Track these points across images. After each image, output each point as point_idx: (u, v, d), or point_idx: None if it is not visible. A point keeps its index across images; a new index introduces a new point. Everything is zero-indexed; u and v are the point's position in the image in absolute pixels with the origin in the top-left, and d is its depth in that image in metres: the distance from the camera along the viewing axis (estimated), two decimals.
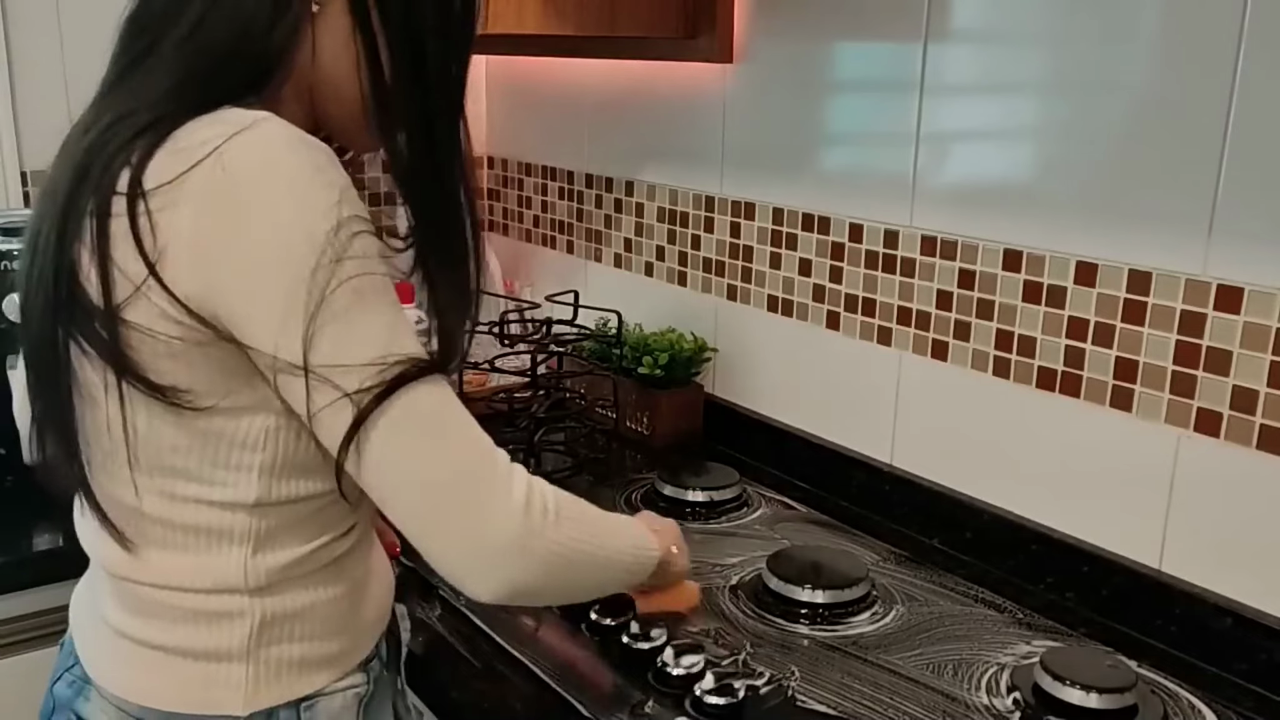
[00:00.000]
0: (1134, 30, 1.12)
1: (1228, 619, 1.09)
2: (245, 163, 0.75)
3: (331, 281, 0.75)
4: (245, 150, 0.76)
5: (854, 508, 1.46)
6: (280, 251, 0.75)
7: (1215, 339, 1.09)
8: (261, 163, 0.76)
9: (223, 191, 0.75)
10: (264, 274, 0.75)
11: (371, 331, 0.77)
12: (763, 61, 1.55)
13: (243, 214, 0.75)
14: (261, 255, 0.75)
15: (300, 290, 0.75)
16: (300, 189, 0.76)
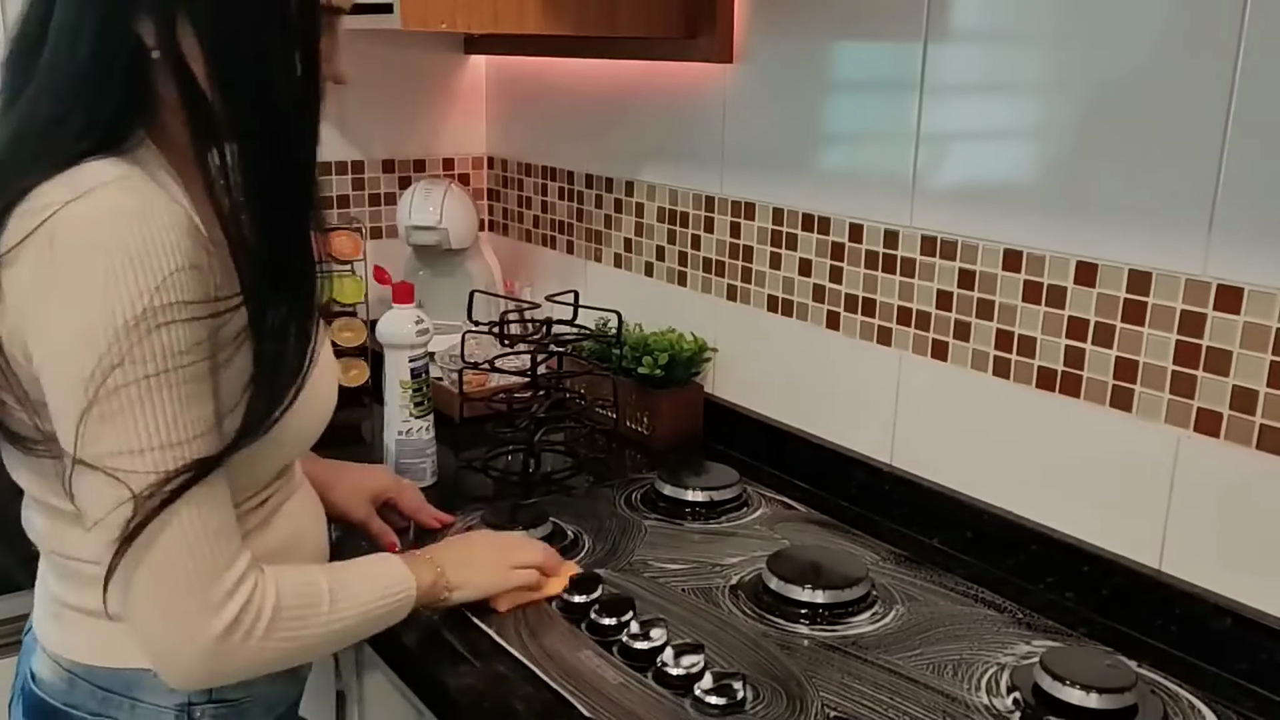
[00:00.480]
0: (1134, 30, 1.12)
1: (1228, 619, 1.09)
2: (67, 239, 0.78)
3: (106, 383, 0.78)
4: (70, 225, 0.78)
5: (854, 508, 1.46)
6: (71, 345, 0.79)
7: (1215, 339, 1.09)
8: (81, 242, 0.78)
9: (46, 264, 0.78)
10: (55, 363, 0.81)
11: (142, 435, 0.80)
12: (763, 61, 1.55)
13: (54, 293, 0.79)
14: (58, 343, 0.80)
15: (77, 388, 0.79)
16: (112, 275, 0.77)
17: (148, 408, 0.80)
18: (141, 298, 0.77)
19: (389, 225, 2.16)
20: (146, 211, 0.78)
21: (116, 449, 0.80)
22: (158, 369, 0.79)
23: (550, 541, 1.31)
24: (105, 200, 0.78)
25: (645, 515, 1.42)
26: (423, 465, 1.50)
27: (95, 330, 0.77)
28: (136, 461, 0.80)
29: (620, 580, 1.24)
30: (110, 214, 0.78)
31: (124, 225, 0.77)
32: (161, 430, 0.80)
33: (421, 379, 1.48)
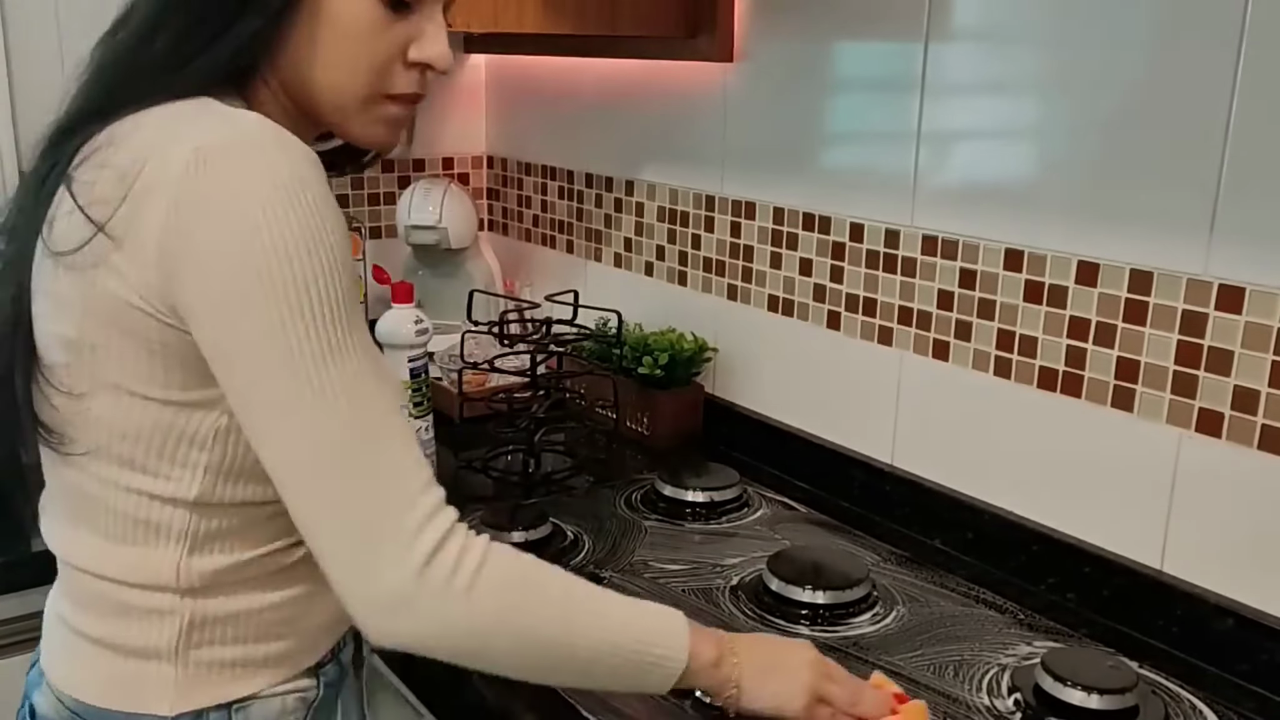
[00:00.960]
0: (1135, 29, 1.12)
1: (1229, 619, 1.09)
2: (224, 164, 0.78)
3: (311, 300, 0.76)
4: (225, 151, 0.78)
5: (854, 508, 1.46)
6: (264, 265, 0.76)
7: (1217, 339, 1.09)
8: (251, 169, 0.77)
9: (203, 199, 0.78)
10: (238, 297, 0.77)
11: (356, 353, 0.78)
12: (763, 61, 1.55)
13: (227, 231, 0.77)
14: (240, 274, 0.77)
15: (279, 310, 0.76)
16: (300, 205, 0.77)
17: (348, 325, 0.76)
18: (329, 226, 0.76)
19: (388, 225, 2.16)
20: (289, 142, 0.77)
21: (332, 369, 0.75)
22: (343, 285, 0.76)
23: (550, 542, 1.31)
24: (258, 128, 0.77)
25: (645, 516, 1.42)
26: None
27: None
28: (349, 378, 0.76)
29: (620, 581, 1.24)
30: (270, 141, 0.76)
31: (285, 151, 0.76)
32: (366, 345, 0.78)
33: (421, 379, 1.48)
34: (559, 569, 0.84)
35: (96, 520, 0.84)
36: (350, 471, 0.76)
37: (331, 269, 0.75)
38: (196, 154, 0.73)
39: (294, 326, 0.74)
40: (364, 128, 0.87)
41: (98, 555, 0.85)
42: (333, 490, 0.76)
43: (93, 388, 0.80)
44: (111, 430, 0.81)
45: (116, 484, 0.82)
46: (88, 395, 0.80)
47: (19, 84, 1.86)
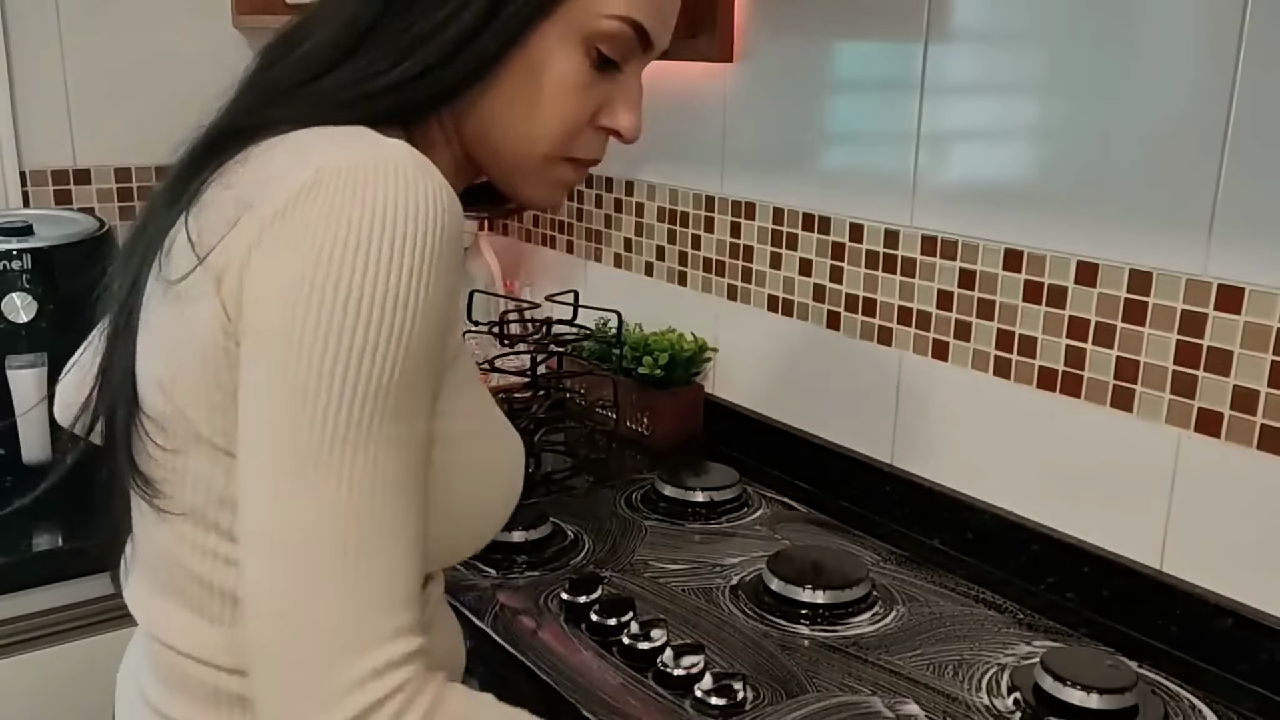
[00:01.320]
0: (1134, 30, 1.12)
1: (1228, 619, 1.09)
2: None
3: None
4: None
5: (854, 508, 1.46)
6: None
7: (1216, 339, 1.09)
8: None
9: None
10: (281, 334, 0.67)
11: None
12: (763, 61, 1.55)
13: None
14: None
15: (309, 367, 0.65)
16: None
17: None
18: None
19: None
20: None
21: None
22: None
23: (550, 542, 1.31)
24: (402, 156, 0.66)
25: (645, 515, 1.42)
26: None
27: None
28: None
29: (620, 581, 1.24)
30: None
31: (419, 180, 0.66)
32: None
33: None
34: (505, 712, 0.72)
35: (190, 593, 0.73)
36: (317, 577, 0.62)
37: (403, 337, 0.62)
38: (315, 174, 0.64)
39: (327, 387, 0.62)
40: (535, 186, 0.80)
41: (190, 633, 0.73)
42: (290, 587, 0.63)
43: (187, 443, 0.70)
44: (209, 493, 0.70)
45: (215, 554, 0.71)
46: (183, 451, 0.70)
47: (19, 83, 1.86)
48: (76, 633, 1.39)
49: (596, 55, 0.75)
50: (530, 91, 0.74)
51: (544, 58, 0.74)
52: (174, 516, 0.72)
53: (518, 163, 0.78)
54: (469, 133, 0.77)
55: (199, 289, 0.66)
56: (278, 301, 0.63)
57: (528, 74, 0.74)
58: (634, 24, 0.75)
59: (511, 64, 0.73)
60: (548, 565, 1.27)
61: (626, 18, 0.74)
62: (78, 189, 1.97)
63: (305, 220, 0.63)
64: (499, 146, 0.77)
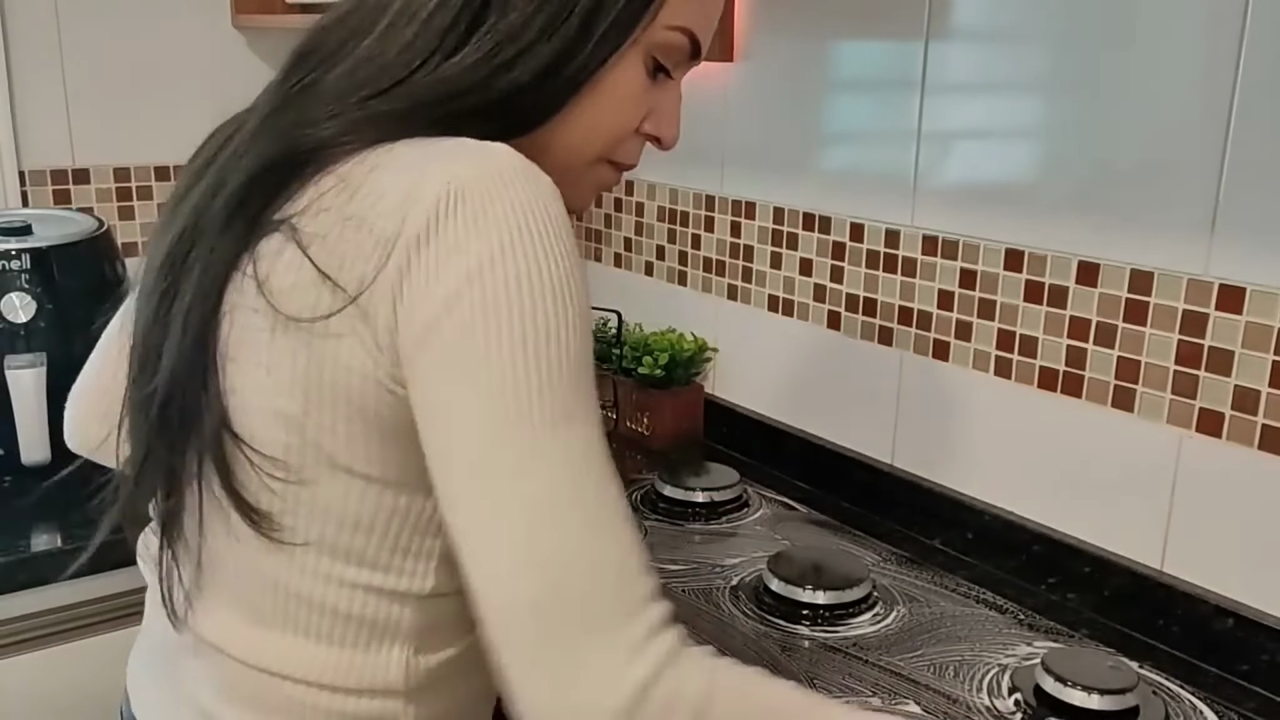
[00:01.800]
0: (1135, 29, 1.12)
1: (1229, 620, 1.09)
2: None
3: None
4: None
5: (854, 508, 1.46)
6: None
7: (1217, 339, 1.09)
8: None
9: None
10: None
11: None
12: (764, 60, 1.55)
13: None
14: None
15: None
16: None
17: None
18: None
19: None
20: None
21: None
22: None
23: None
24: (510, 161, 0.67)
25: (645, 516, 1.42)
26: None
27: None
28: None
29: None
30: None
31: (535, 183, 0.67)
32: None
33: None
34: (782, 687, 0.70)
35: (306, 620, 0.73)
36: (567, 557, 0.62)
37: (575, 320, 0.65)
38: (449, 188, 0.64)
39: (528, 380, 0.63)
40: (577, 188, 0.78)
41: (306, 659, 0.73)
42: (541, 577, 0.62)
43: (318, 472, 0.69)
44: (341, 520, 0.70)
45: (340, 580, 0.72)
46: (312, 481, 0.70)
47: (18, 84, 1.86)
48: (76, 633, 1.38)
49: (653, 64, 0.76)
50: (591, 101, 0.74)
51: (612, 71, 0.74)
52: (294, 546, 0.72)
53: (568, 165, 0.76)
54: (526, 138, 0.76)
55: (343, 325, 0.66)
56: (448, 316, 0.63)
57: (594, 86, 0.74)
58: (690, 34, 0.76)
59: (591, 79, 0.74)
60: None
61: (685, 28, 0.75)
62: (77, 189, 1.97)
63: (454, 236, 0.63)
64: (551, 148, 0.75)
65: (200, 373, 0.71)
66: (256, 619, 0.74)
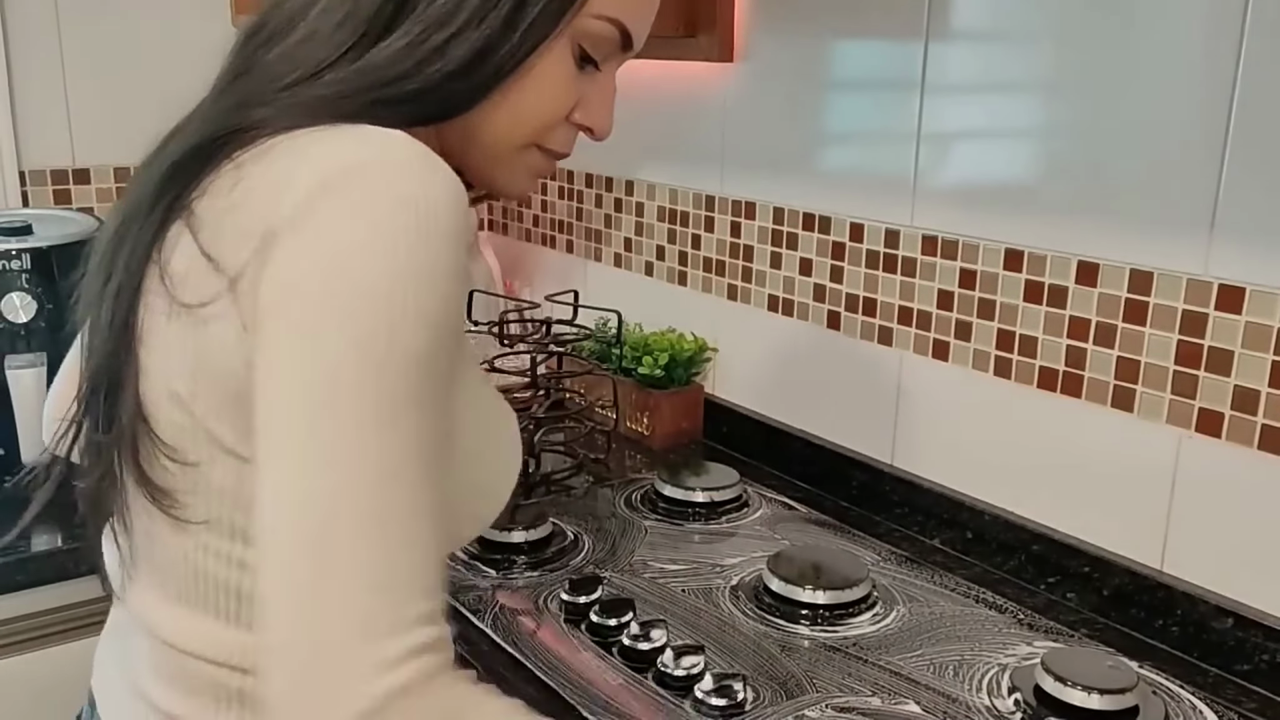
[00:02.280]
0: (1135, 29, 1.12)
1: (1229, 619, 1.09)
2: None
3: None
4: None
5: (854, 508, 1.46)
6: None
7: (1217, 339, 1.09)
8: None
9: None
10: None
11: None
12: (763, 61, 1.55)
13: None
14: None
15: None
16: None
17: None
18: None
19: None
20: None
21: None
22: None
23: (550, 542, 1.31)
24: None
25: (645, 515, 1.42)
26: None
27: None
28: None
29: (620, 581, 1.24)
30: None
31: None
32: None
33: None
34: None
35: (209, 597, 0.73)
36: (336, 560, 0.61)
37: (420, 320, 0.63)
38: (320, 177, 0.64)
39: (348, 376, 0.62)
40: (508, 174, 0.82)
41: (204, 636, 0.73)
42: (306, 574, 0.62)
43: (209, 454, 0.70)
44: (235, 501, 0.70)
45: (241, 562, 0.72)
46: (205, 463, 0.70)
47: (19, 83, 1.86)
48: (75, 633, 1.39)
49: (580, 53, 0.77)
50: (518, 90, 0.75)
51: (539, 58, 0.75)
52: (194, 525, 0.72)
53: (496, 152, 0.79)
54: (454, 124, 0.77)
55: (219, 309, 0.67)
56: (288, 302, 0.63)
57: (523, 73, 0.75)
58: (619, 25, 0.77)
59: (520, 68, 0.74)
60: (548, 565, 1.27)
61: (614, 19, 0.76)
62: (77, 189, 1.97)
63: (315, 225, 0.63)
64: (479, 137, 0.77)
65: (122, 354, 0.72)
66: (176, 598, 0.75)
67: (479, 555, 1.28)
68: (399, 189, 0.64)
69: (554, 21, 0.73)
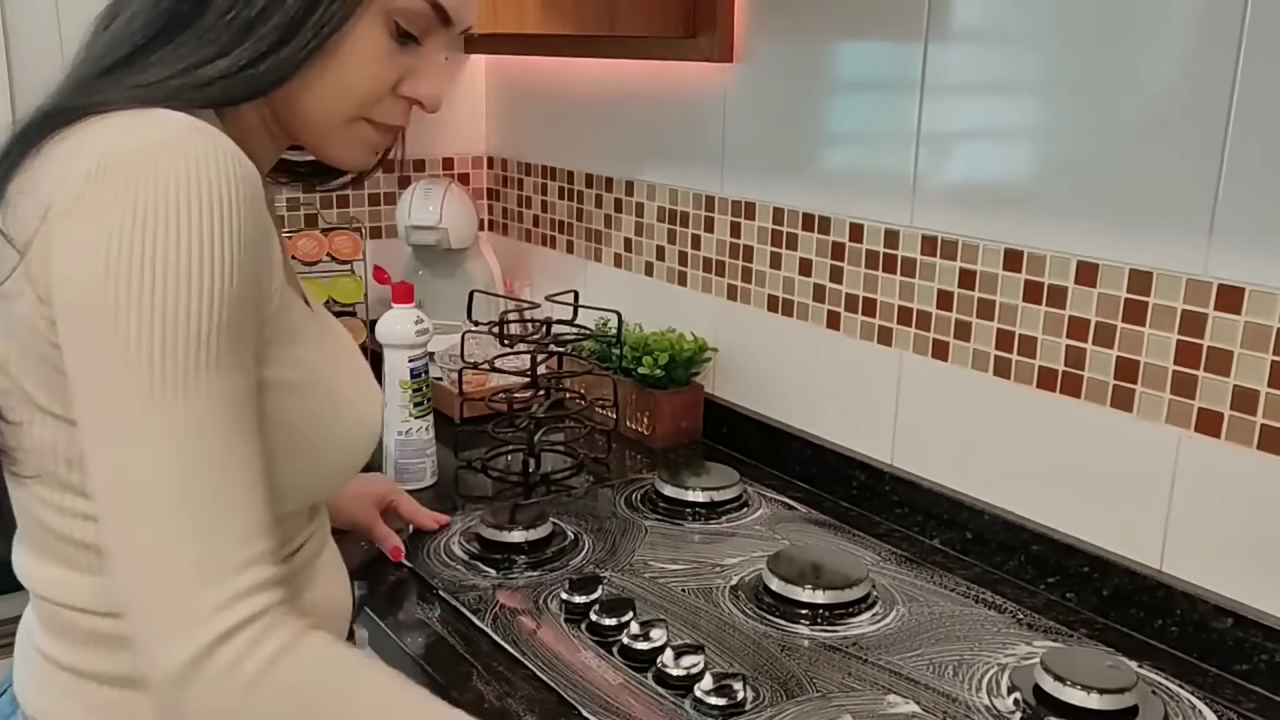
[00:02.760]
0: (1135, 29, 1.12)
1: (1228, 619, 1.09)
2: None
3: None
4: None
5: (854, 508, 1.46)
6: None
7: (1216, 339, 1.09)
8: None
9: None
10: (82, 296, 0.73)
11: None
12: (763, 61, 1.55)
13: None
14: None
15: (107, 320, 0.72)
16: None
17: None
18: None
19: (388, 225, 2.16)
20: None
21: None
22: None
23: (550, 542, 1.31)
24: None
25: (645, 515, 1.42)
26: (422, 465, 1.50)
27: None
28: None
29: (620, 581, 1.24)
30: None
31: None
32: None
33: (421, 379, 1.48)
34: (378, 678, 0.75)
35: (57, 549, 0.80)
36: (164, 524, 0.68)
37: (209, 293, 0.68)
38: (100, 159, 0.69)
39: (144, 347, 0.67)
40: (340, 148, 0.85)
41: (62, 585, 0.80)
42: (138, 532, 0.69)
43: (29, 414, 0.76)
44: (56, 456, 0.76)
45: (73, 511, 0.78)
46: (27, 422, 0.76)
47: (19, 84, 1.86)
48: None
49: (397, 29, 0.80)
50: (336, 65, 0.79)
51: (350, 36, 0.78)
52: (29, 480, 0.79)
53: (323, 127, 0.82)
54: (277, 100, 0.81)
55: (17, 285, 0.72)
56: (82, 281, 0.68)
57: (335, 47, 0.78)
58: (433, 2, 0.81)
59: (326, 45, 0.78)
60: (548, 565, 1.27)
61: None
62: None
63: (95, 204, 0.68)
64: (304, 113, 0.81)
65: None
66: (35, 551, 0.82)
67: (479, 555, 1.28)
68: (173, 171, 0.68)
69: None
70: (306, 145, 0.86)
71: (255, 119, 0.82)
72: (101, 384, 0.69)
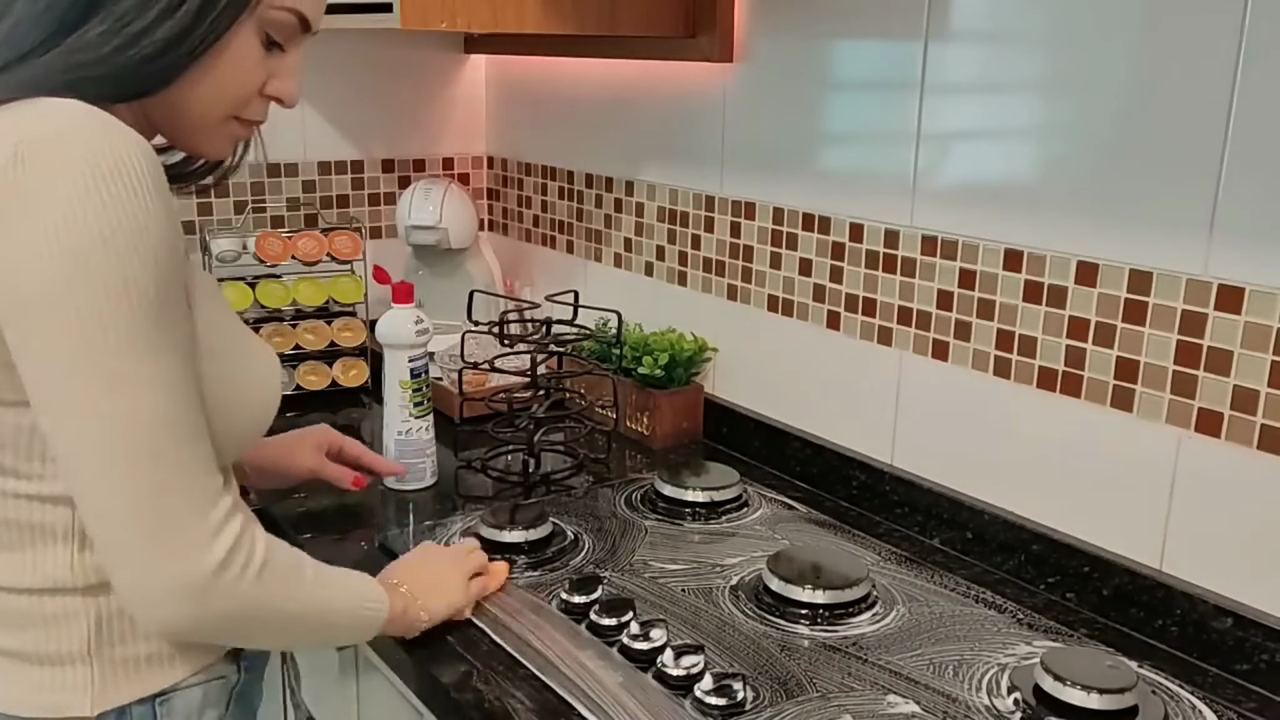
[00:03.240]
0: (1135, 29, 1.12)
1: (1228, 619, 1.09)
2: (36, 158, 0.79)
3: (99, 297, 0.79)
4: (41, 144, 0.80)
5: (854, 508, 1.46)
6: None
7: (1216, 339, 1.09)
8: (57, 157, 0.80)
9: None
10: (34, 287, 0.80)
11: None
12: (763, 61, 1.55)
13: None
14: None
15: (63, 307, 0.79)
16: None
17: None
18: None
19: (389, 225, 2.16)
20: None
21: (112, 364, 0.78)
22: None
23: (550, 542, 1.31)
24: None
25: (645, 515, 1.42)
26: (422, 465, 1.50)
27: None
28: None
29: (620, 581, 1.24)
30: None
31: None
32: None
33: (421, 379, 1.48)
34: (296, 550, 0.94)
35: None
36: (154, 466, 0.79)
37: (149, 259, 0.76)
38: (15, 150, 0.75)
39: (100, 316, 0.75)
40: (210, 143, 0.93)
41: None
42: (131, 483, 0.79)
43: None
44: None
45: (2, 492, 0.84)
46: None
47: None
48: None
49: (267, 38, 0.89)
50: (216, 68, 0.87)
51: (229, 43, 0.86)
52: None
53: (201, 124, 0.90)
54: (157, 99, 0.87)
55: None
56: (29, 265, 0.74)
57: (215, 55, 0.86)
58: (297, 13, 0.90)
59: (209, 51, 0.86)
60: (548, 565, 1.27)
61: (293, 9, 0.89)
62: None
63: (24, 191, 0.74)
64: (184, 110, 0.89)
65: None
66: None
67: None
68: (91, 151, 0.75)
69: (238, 13, 0.85)
70: (177, 140, 0.94)
71: (129, 116, 0.86)
72: (71, 356, 0.76)
